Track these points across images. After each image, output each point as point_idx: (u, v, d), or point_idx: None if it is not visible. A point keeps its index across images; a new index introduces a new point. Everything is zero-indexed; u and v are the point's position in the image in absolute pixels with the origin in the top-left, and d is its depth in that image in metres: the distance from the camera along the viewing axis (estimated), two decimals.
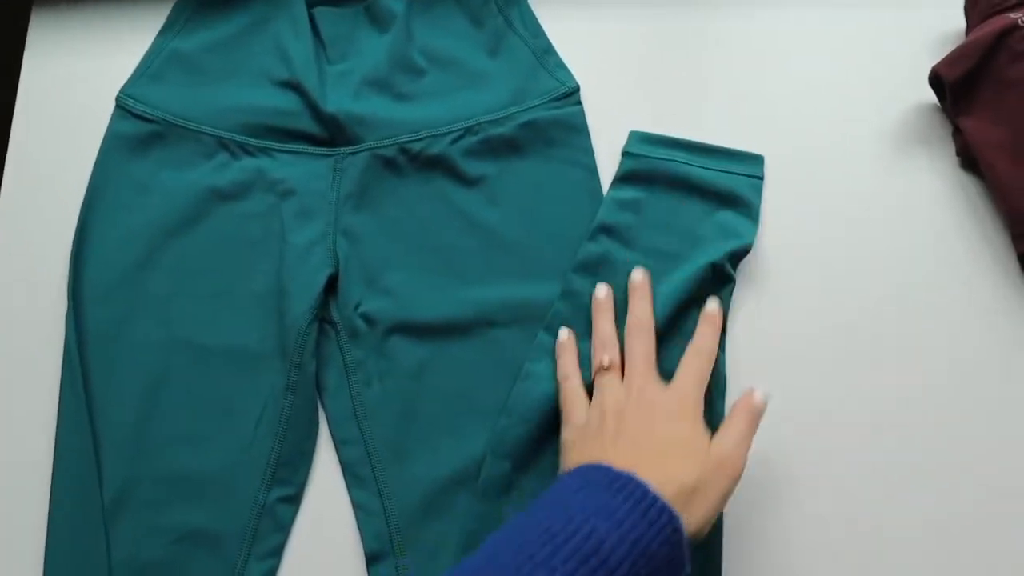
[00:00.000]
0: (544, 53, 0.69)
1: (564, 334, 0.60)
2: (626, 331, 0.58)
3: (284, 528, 0.58)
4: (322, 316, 0.62)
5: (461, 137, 0.66)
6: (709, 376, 0.55)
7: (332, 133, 0.66)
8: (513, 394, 0.60)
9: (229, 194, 0.65)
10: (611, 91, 0.70)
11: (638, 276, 0.60)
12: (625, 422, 0.51)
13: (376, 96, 0.67)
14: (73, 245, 0.64)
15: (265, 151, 0.66)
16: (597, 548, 0.40)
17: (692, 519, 0.46)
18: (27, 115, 0.70)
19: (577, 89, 0.68)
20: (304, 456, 0.60)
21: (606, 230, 0.64)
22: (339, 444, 0.60)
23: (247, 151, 0.66)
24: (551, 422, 0.58)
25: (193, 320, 0.62)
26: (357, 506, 0.59)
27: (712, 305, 0.59)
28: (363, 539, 0.58)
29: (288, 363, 0.60)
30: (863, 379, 0.61)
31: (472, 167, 0.65)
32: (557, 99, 0.67)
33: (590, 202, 0.65)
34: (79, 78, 0.71)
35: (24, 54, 0.71)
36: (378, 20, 0.70)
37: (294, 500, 0.59)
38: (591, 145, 0.67)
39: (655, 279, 0.62)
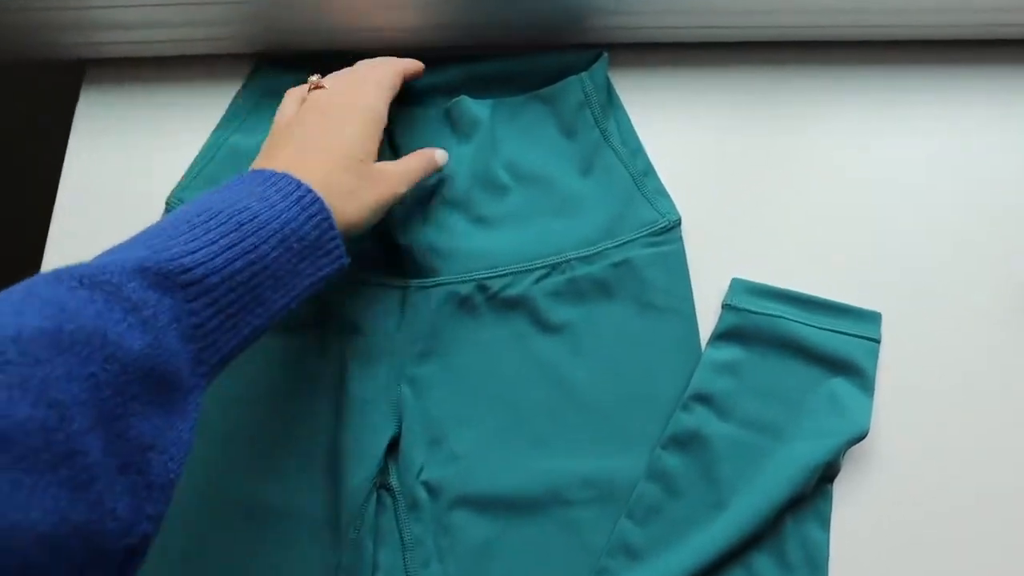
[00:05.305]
0: (643, 175, 0.61)
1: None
2: None
3: None
4: (381, 482, 0.56)
5: (546, 276, 0.59)
6: (397, 86, 0.57)
7: (402, 262, 0.59)
8: None
9: (287, 326, 0.59)
10: (711, 218, 0.62)
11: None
12: (302, 127, 0.53)
13: (453, 218, 0.60)
14: None
15: None
16: (252, 219, 0.44)
17: (345, 215, 0.49)
18: (66, 213, 0.64)
19: (678, 222, 0.60)
20: None
21: (701, 399, 0.57)
22: None
23: None
24: None
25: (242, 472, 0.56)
26: None
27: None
28: None
29: (341, 538, 0.54)
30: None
31: (556, 312, 0.58)
32: (656, 234, 0.60)
33: (686, 358, 0.58)
34: (124, 174, 0.64)
35: (68, 144, 0.65)
36: (459, 125, 0.62)
37: None
38: (691, 290, 0.59)
39: (752, 458, 0.55)
